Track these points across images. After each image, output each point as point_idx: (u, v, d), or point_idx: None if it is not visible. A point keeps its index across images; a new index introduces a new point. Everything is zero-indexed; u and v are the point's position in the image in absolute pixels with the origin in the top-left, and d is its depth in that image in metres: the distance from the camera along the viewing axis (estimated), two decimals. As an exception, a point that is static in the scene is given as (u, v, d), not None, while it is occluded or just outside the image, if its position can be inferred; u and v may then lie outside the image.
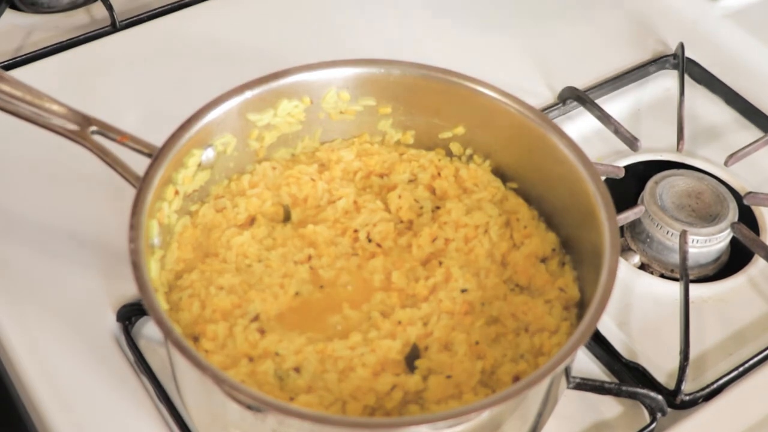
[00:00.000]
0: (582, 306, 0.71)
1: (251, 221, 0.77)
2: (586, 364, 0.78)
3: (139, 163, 0.70)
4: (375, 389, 0.65)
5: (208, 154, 0.75)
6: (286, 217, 0.78)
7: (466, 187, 0.79)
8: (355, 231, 0.76)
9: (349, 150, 0.81)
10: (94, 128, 0.72)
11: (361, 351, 0.67)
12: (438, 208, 0.78)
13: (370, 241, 0.76)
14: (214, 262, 0.73)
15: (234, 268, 0.73)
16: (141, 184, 0.68)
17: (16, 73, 0.94)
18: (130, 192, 0.68)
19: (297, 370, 0.66)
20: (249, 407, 0.59)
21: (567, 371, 0.69)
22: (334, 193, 0.78)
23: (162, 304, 0.66)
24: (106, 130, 0.72)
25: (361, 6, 1.09)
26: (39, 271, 0.80)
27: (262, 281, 0.72)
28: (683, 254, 0.83)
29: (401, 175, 0.80)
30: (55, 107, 0.72)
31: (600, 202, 0.70)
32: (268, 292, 0.71)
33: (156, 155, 0.70)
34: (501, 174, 0.80)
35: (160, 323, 0.61)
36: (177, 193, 0.73)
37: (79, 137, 0.72)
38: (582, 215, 0.72)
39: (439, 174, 0.80)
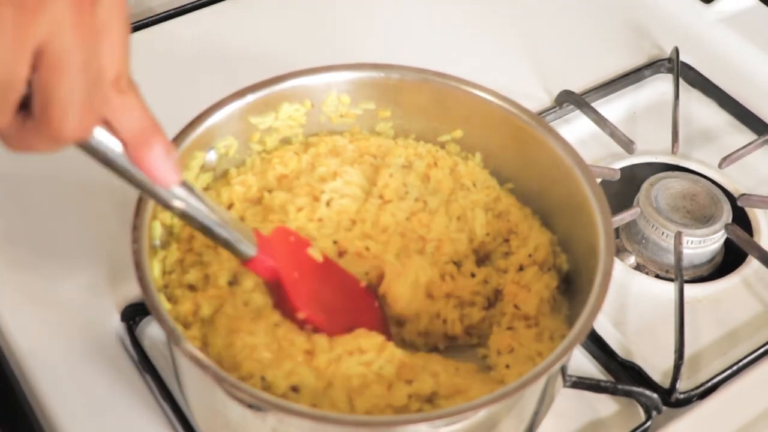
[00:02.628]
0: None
1: (229, 209, 0.75)
2: (582, 363, 0.79)
3: (142, 166, 0.71)
4: (391, 404, 0.64)
5: (211, 157, 0.75)
6: None
7: (462, 183, 0.79)
8: (321, 192, 0.74)
9: (342, 136, 0.80)
10: (97, 131, 0.73)
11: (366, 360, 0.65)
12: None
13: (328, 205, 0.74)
14: (188, 257, 0.72)
15: (199, 261, 0.71)
16: (144, 185, 0.69)
17: (20, 77, 0.94)
18: (133, 193, 0.68)
19: (295, 389, 0.64)
20: (249, 406, 0.60)
21: (563, 370, 0.70)
22: (316, 164, 0.77)
23: (165, 304, 0.67)
24: (110, 133, 0.73)
25: (360, 11, 1.10)
26: (44, 271, 0.81)
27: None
28: (678, 255, 0.84)
29: (396, 158, 0.79)
30: (58, 110, 0.73)
31: (596, 203, 0.70)
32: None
33: (159, 158, 0.70)
34: (497, 176, 0.80)
35: (162, 323, 0.62)
36: (179, 194, 0.73)
37: (82, 139, 0.72)
38: (578, 217, 0.72)
39: (435, 164, 0.79)
